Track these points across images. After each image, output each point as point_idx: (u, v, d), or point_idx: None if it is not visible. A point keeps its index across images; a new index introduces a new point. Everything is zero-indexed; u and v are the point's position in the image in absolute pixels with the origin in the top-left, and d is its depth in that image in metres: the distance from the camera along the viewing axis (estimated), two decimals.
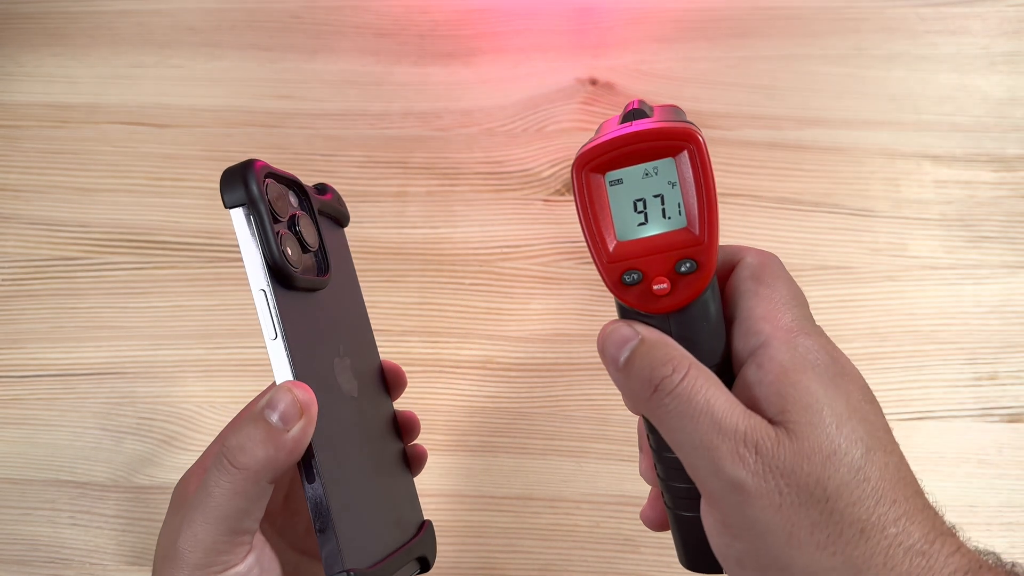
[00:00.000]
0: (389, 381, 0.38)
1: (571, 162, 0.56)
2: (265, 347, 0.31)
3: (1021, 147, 0.55)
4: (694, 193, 0.27)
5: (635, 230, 0.28)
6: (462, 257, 0.53)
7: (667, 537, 0.49)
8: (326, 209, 0.37)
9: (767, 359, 0.26)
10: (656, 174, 0.27)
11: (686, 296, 0.27)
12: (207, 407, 0.51)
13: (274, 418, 0.29)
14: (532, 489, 0.49)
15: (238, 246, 0.31)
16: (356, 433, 0.34)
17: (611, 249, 0.28)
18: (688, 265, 0.27)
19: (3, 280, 0.54)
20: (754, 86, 0.57)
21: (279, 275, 0.32)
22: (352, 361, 0.35)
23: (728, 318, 0.28)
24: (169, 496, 0.33)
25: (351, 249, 0.38)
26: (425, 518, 0.38)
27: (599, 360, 0.57)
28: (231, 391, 0.51)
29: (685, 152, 0.27)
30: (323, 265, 0.35)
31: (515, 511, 0.49)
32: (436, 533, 0.37)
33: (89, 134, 0.56)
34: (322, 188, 0.37)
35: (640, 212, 0.28)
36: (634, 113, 0.28)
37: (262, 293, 0.32)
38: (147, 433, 0.51)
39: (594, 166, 0.27)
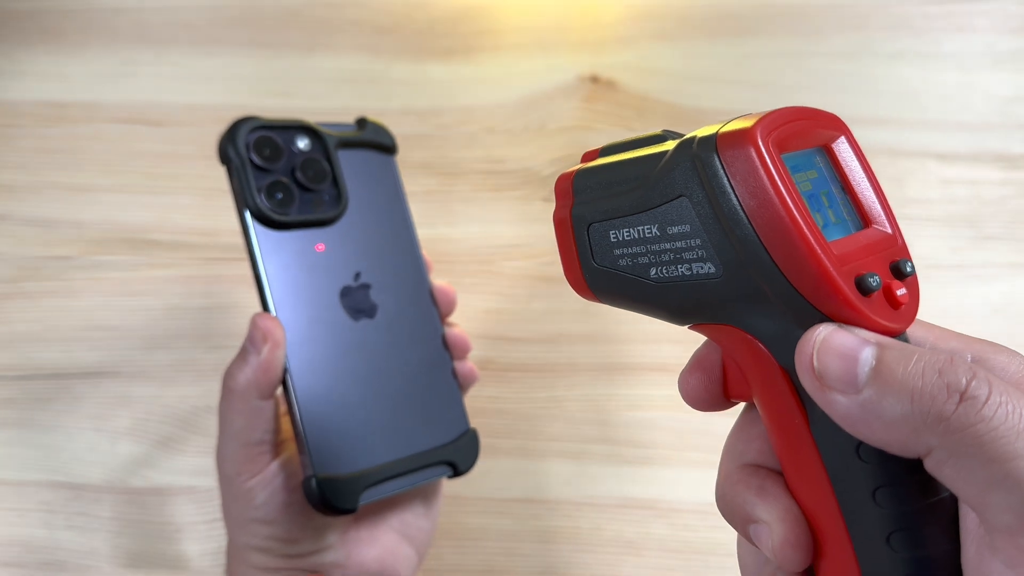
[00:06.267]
0: (438, 301, 0.41)
1: (572, 162, 0.56)
2: None
3: None
4: (869, 187, 0.23)
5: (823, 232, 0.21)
6: (462, 257, 0.53)
7: (669, 539, 0.49)
8: (357, 142, 0.40)
9: (1000, 371, 0.22)
10: (816, 164, 0.22)
11: (916, 307, 0.22)
12: (203, 409, 0.51)
13: (248, 346, 0.35)
14: (533, 492, 0.49)
15: None
16: (360, 352, 0.38)
17: (832, 248, 0.20)
18: (910, 266, 0.22)
19: None
20: (757, 83, 0.56)
21: (262, 219, 0.36)
22: (378, 285, 0.39)
23: None
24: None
25: None
26: (470, 426, 0.41)
27: (600, 361, 0.57)
28: None
29: (842, 138, 0.23)
30: (335, 199, 0.38)
31: (515, 514, 0.49)
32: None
33: (84, 132, 0.56)
34: (360, 122, 0.41)
35: (816, 211, 0.21)
36: (671, 132, 0.24)
37: (244, 236, 0.37)
38: (142, 435, 0.50)
39: (776, 141, 0.20)
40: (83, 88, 0.56)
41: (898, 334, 0.21)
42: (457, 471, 0.39)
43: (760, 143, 0.20)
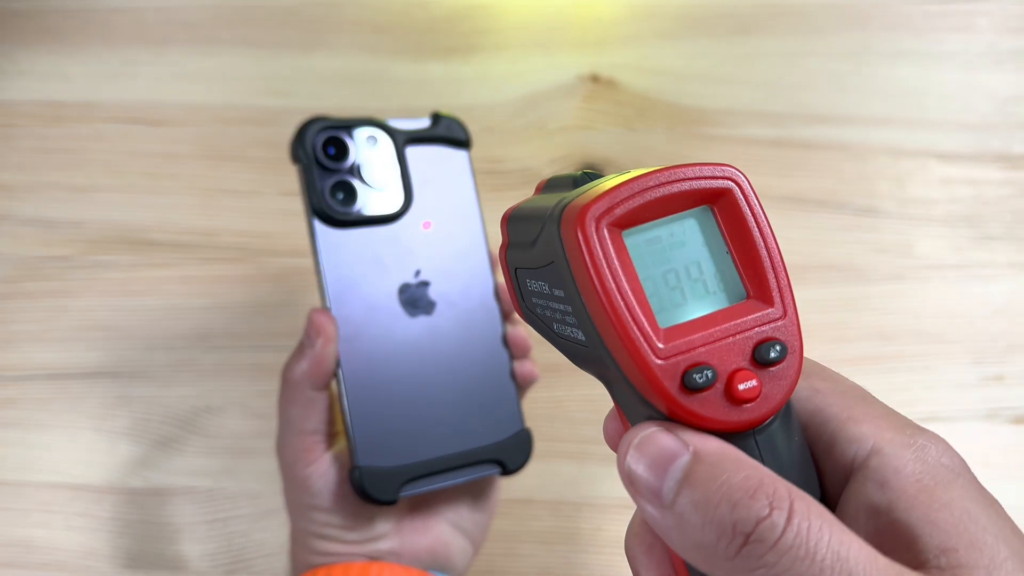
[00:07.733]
0: (503, 299, 0.42)
1: (571, 161, 0.56)
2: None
3: None
4: (756, 250, 0.20)
5: (675, 313, 0.19)
6: None
7: None
8: (428, 137, 0.41)
9: (891, 473, 0.19)
10: (686, 232, 0.20)
11: (780, 398, 0.19)
12: (203, 409, 0.50)
13: (304, 340, 0.37)
14: (533, 492, 0.49)
15: None
16: (415, 349, 0.39)
17: (660, 340, 0.19)
18: (777, 350, 0.19)
19: None
20: (758, 83, 0.56)
21: (324, 217, 0.38)
22: (438, 282, 0.40)
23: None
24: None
25: None
26: (524, 426, 0.41)
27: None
28: (227, 393, 0.51)
29: (729, 194, 0.20)
30: (399, 197, 0.39)
31: (515, 515, 0.49)
32: None
33: (83, 132, 0.55)
34: (435, 117, 0.42)
35: (674, 287, 0.20)
36: (589, 175, 0.22)
37: (309, 233, 0.38)
38: (142, 435, 0.50)
39: (615, 219, 0.19)
40: (83, 88, 0.56)
41: (753, 427, 0.19)
42: (506, 470, 0.40)
43: (588, 226, 0.19)
